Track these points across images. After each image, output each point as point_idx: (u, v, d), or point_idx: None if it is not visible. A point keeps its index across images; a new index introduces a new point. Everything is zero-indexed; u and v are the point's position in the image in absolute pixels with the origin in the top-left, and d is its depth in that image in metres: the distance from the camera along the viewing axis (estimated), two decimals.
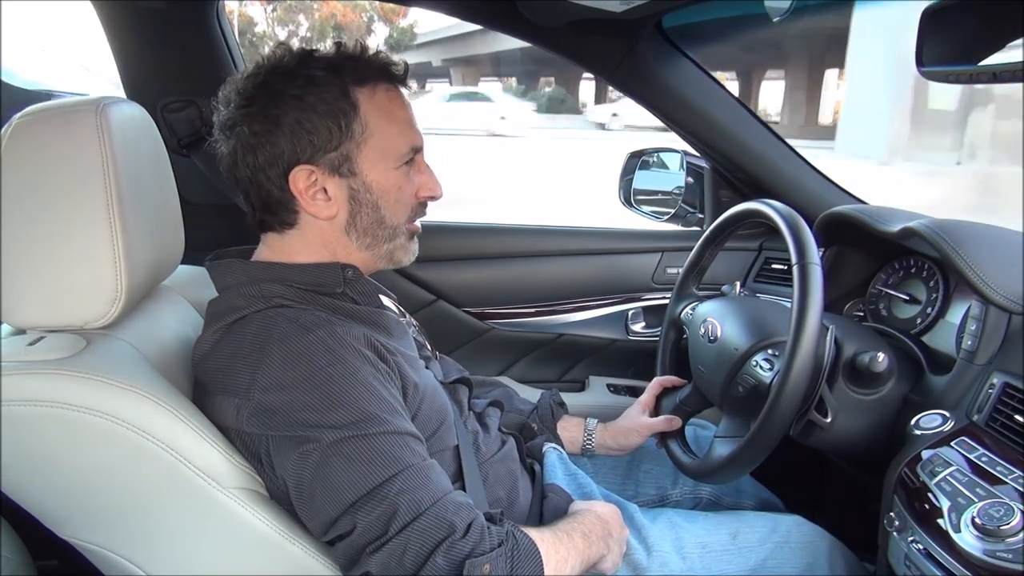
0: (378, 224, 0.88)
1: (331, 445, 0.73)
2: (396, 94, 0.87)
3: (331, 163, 0.83)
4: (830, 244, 1.26)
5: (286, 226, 0.87)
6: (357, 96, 0.83)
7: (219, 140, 0.85)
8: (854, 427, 0.95)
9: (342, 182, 0.85)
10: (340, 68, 0.83)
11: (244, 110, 0.82)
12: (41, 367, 0.73)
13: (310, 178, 0.83)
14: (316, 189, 0.84)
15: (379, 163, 0.85)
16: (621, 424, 1.18)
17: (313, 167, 0.83)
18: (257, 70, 0.83)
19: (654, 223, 1.68)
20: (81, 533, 0.77)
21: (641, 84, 1.41)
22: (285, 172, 0.83)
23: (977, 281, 0.92)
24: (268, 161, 0.82)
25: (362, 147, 0.84)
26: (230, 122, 0.83)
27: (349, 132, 0.83)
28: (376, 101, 0.84)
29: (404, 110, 0.88)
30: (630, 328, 1.62)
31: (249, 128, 0.81)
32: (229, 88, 0.84)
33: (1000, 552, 0.69)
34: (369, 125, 0.84)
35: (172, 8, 1.32)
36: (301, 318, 0.79)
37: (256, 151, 0.82)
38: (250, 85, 0.83)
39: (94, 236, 0.77)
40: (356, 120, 0.83)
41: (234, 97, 0.83)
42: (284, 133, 0.81)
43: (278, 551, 0.78)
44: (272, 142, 0.81)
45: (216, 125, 0.85)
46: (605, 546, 0.88)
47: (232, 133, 0.83)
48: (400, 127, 0.87)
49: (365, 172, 0.85)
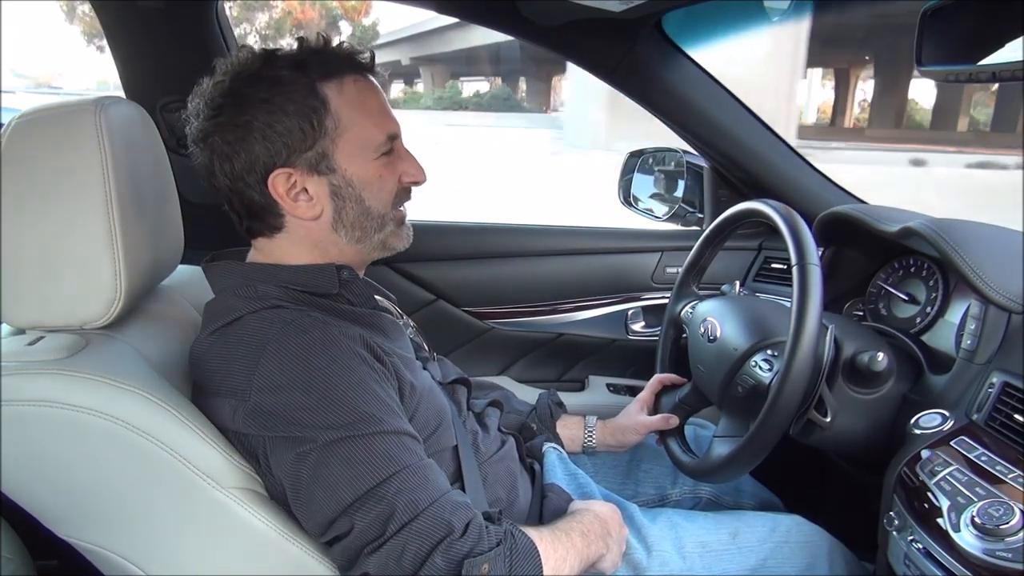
0: (365, 216, 0.87)
1: (328, 445, 0.73)
2: (366, 83, 0.85)
3: (308, 163, 0.82)
4: (829, 244, 1.26)
5: (274, 230, 0.86)
6: (325, 92, 0.81)
7: (194, 152, 0.84)
8: (854, 426, 0.95)
9: (322, 180, 0.83)
10: (305, 65, 0.81)
11: (214, 120, 0.80)
12: (41, 367, 0.72)
13: (289, 180, 0.82)
14: (297, 191, 0.83)
15: (357, 156, 0.84)
16: (619, 422, 1.18)
17: (291, 169, 0.82)
18: (222, 77, 0.81)
19: (653, 223, 1.68)
20: (80, 533, 0.77)
21: (640, 83, 1.41)
22: (263, 178, 0.81)
23: (976, 280, 0.92)
24: (245, 168, 0.81)
25: (337, 142, 0.83)
26: (202, 133, 0.82)
27: (322, 129, 0.81)
28: (346, 94, 0.83)
29: (376, 99, 0.86)
30: (630, 328, 1.62)
31: (221, 138, 0.80)
32: (196, 99, 0.83)
33: (1000, 551, 0.69)
34: (342, 119, 0.82)
35: (171, 8, 1.32)
36: (297, 319, 0.78)
37: (232, 160, 0.81)
38: (217, 93, 0.81)
39: (93, 236, 0.77)
40: (328, 116, 0.81)
41: (203, 107, 0.82)
42: (256, 138, 0.80)
43: (277, 551, 0.78)
44: (246, 149, 0.80)
45: (189, 137, 0.84)
46: (604, 545, 0.88)
47: (206, 144, 0.82)
48: (374, 117, 0.85)
49: (344, 167, 0.84)
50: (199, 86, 0.83)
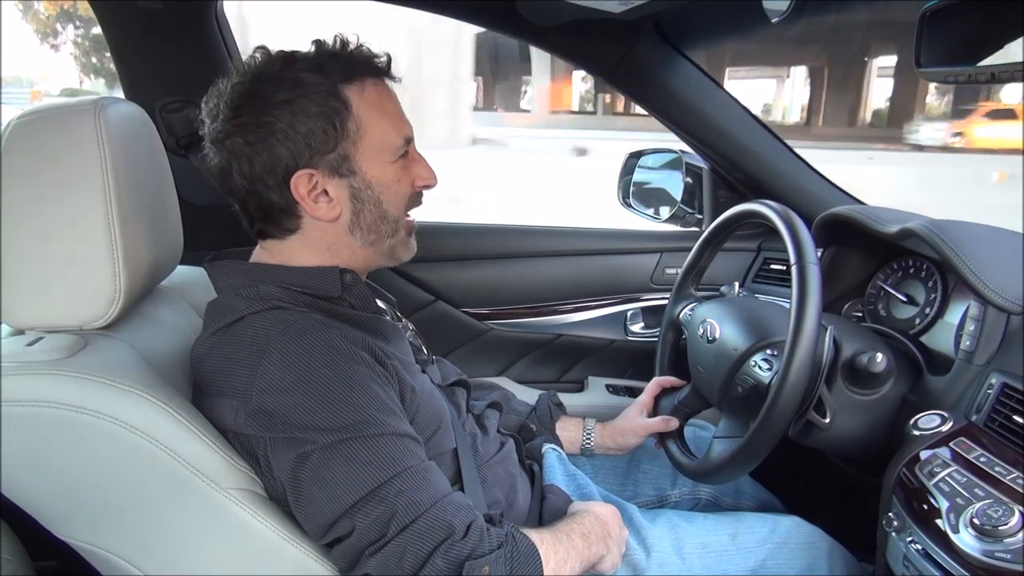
0: (381, 219, 0.87)
1: (328, 447, 0.73)
2: (383, 87, 0.86)
3: (330, 164, 0.82)
4: (828, 244, 1.26)
5: (287, 232, 0.86)
6: (347, 94, 0.82)
7: (210, 153, 0.83)
8: (853, 427, 0.95)
9: (343, 182, 0.84)
10: (325, 67, 0.82)
11: (234, 121, 0.80)
12: (40, 367, 0.72)
13: (311, 181, 0.82)
14: (318, 192, 0.83)
15: (376, 159, 0.85)
16: (618, 424, 1.18)
17: (313, 170, 0.82)
18: (241, 78, 0.81)
19: (653, 223, 1.68)
20: (79, 533, 0.77)
21: (640, 84, 1.41)
22: (285, 179, 0.81)
23: (975, 282, 0.92)
24: (266, 170, 0.81)
25: (359, 145, 0.83)
26: (221, 134, 0.81)
27: (344, 131, 0.82)
28: (366, 97, 0.83)
29: (392, 102, 0.87)
30: (629, 328, 1.62)
31: (243, 139, 0.80)
32: (214, 100, 0.82)
33: (999, 552, 0.69)
34: (363, 122, 0.83)
35: (171, 8, 1.32)
36: (299, 321, 0.78)
37: (252, 161, 0.81)
38: (236, 95, 0.81)
39: (93, 236, 0.77)
40: (350, 118, 0.82)
41: (222, 108, 0.81)
42: (279, 139, 0.80)
43: (276, 552, 0.78)
44: (268, 150, 0.80)
45: (206, 138, 0.83)
46: (604, 547, 0.88)
47: (224, 146, 0.81)
48: (392, 120, 0.86)
49: (364, 169, 0.84)
50: (215, 87, 0.83)
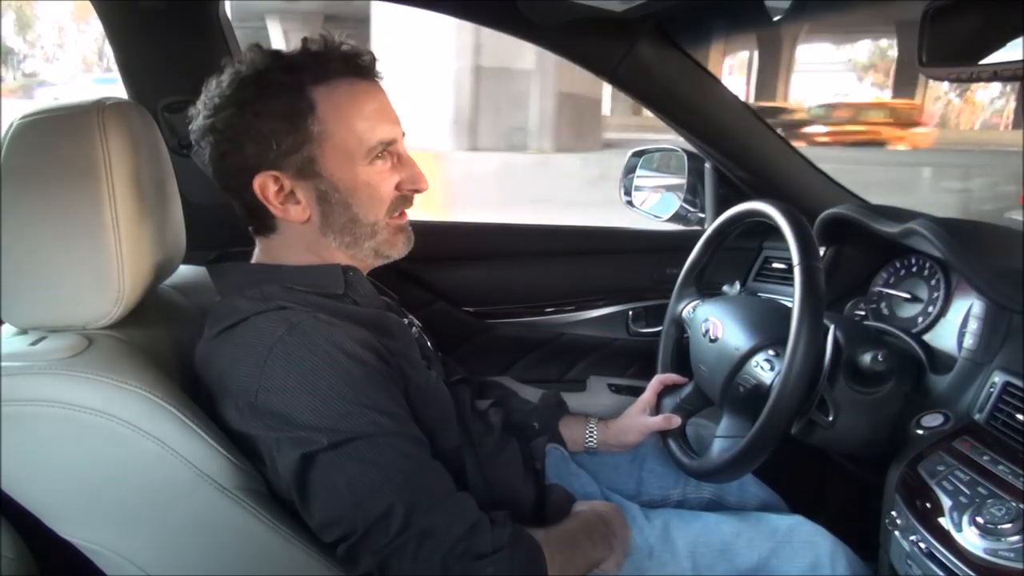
0: (353, 223, 0.86)
1: (333, 447, 0.73)
2: (363, 87, 0.84)
3: (296, 166, 0.82)
4: (831, 243, 1.26)
5: (269, 231, 0.86)
6: (314, 95, 0.81)
7: (197, 150, 0.84)
8: (856, 426, 0.95)
9: (308, 184, 0.83)
10: (299, 67, 0.81)
11: (210, 119, 0.81)
12: (44, 367, 0.73)
13: (277, 183, 0.82)
14: (285, 194, 0.82)
15: (344, 161, 0.83)
16: (621, 423, 1.18)
17: (277, 172, 0.81)
18: (223, 77, 0.82)
19: (655, 223, 1.68)
20: (83, 532, 0.77)
21: (642, 83, 1.40)
22: (251, 180, 0.82)
23: (978, 280, 0.92)
24: (236, 169, 0.82)
25: (324, 147, 0.82)
26: (200, 132, 0.82)
27: (308, 133, 0.81)
28: (335, 98, 0.82)
29: (371, 103, 0.84)
30: (631, 328, 1.62)
31: (215, 138, 0.81)
32: (201, 99, 0.83)
33: (1002, 551, 0.69)
34: (328, 124, 0.81)
35: (172, 8, 1.32)
36: (304, 320, 0.78)
37: (226, 159, 0.81)
38: (216, 93, 0.81)
39: (96, 236, 0.77)
40: (314, 120, 0.81)
41: (202, 107, 0.82)
42: (246, 140, 0.80)
43: (280, 551, 0.78)
44: (236, 150, 0.80)
45: (192, 136, 0.84)
46: (608, 546, 0.88)
47: (204, 143, 0.82)
48: (367, 121, 0.83)
49: (331, 171, 0.83)
50: (205, 86, 0.84)
